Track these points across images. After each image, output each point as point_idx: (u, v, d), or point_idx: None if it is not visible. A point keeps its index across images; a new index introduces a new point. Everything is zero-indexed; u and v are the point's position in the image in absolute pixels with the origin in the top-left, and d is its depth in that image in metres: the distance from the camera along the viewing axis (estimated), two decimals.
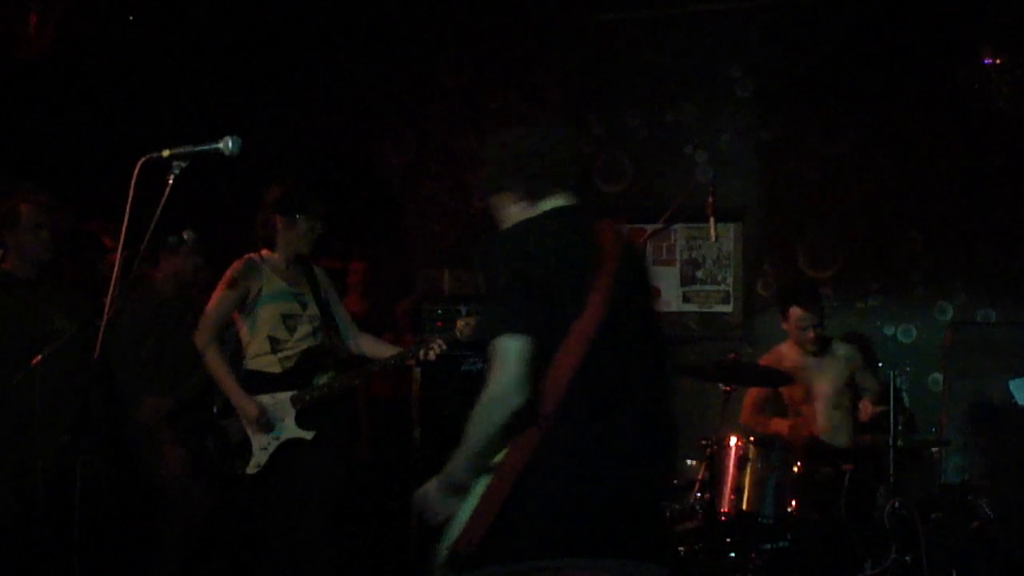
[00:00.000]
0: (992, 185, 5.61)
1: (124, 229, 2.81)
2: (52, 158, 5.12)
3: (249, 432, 4.13)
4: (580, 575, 2.53)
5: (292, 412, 4.16)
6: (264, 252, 4.28)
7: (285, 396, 4.16)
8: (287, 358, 4.21)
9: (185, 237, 4.28)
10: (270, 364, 4.20)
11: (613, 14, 6.19)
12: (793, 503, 4.31)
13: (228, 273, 4.20)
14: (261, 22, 6.10)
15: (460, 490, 2.65)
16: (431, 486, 2.69)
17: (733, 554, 4.39)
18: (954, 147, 5.68)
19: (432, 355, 4.10)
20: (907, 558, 4.23)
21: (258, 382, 4.17)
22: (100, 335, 2.89)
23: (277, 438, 4.14)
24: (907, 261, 5.76)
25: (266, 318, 4.20)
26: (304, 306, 4.27)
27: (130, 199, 2.79)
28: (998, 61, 5.45)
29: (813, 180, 5.92)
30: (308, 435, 4.14)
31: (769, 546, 4.33)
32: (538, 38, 6.36)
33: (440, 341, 4.10)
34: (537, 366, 2.58)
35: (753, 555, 4.27)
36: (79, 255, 4.82)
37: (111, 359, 4.45)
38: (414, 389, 5.50)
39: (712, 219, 4.89)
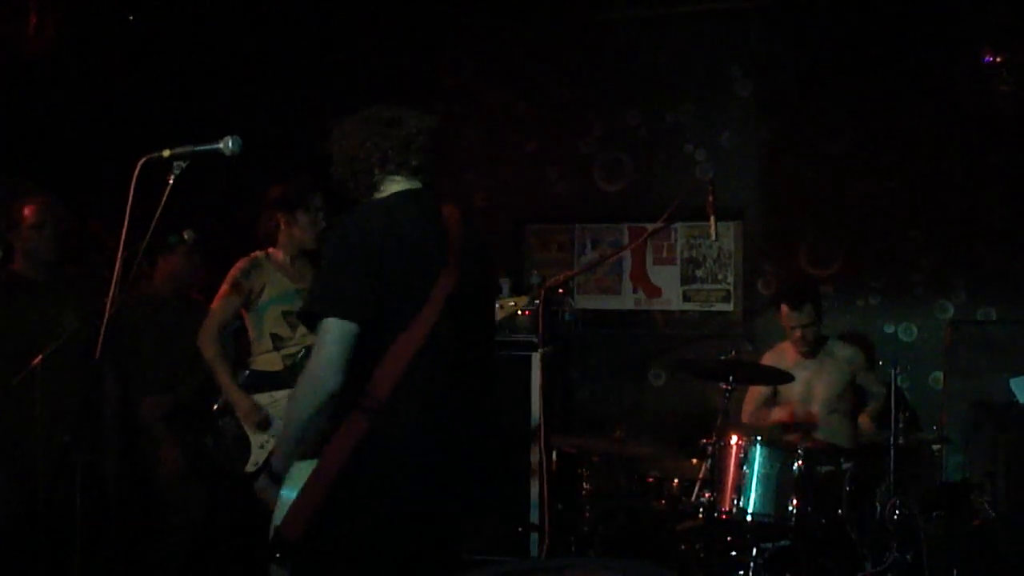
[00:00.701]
0: (992, 185, 5.61)
1: (124, 229, 2.82)
2: (52, 158, 5.11)
3: (247, 430, 4.15)
4: (580, 575, 2.53)
5: None
6: (270, 250, 4.32)
7: (283, 394, 4.16)
8: (289, 355, 4.22)
9: (185, 237, 4.29)
10: (273, 362, 4.22)
11: (613, 14, 6.19)
12: (794, 502, 4.30)
13: (232, 272, 4.24)
14: (261, 22, 6.09)
15: (280, 477, 2.63)
16: (263, 476, 2.69)
17: (733, 553, 4.39)
18: (954, 147, 5.68)
19: None
20: (908, 557, 4.22)
21: (260, 380, 4.20)
22: (101, 335, 2.90)
23: (274, 436, 4.14)
24: (907, 260, 5.76)
25: (268, 316, 4.23)
26: None
27: (130, 199, 2.80)
28: (998, 59, 5.45)
29: (813, 179, 5.92)
30: None
31: (769, 546, 4.32)
32: (538, 38, 6.36)
33: None
34: (369, 352, 2.54)
35: (753, 554, 4.27)
36: (81, 256, 4.83)
37: (110, 359, 4.45)
38: None
39: (712, 218, 4.89)
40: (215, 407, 4.23)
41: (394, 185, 2.79)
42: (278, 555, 2.55)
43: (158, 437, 4.60)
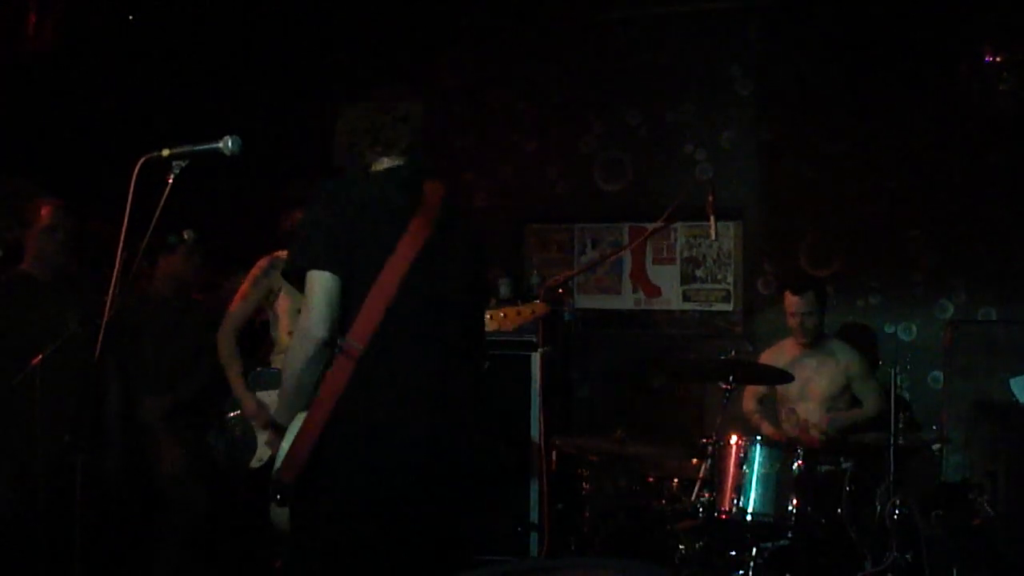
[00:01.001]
0: (992, 184, 5.61)
1: (124, 229, 2.82)
2: (52, 158, 5.12)
3: (255, 428, 4.16)
4: (580, 574, 2.54)
5: None
6: None
7: None
8: None
9: (185, 237, 4.29)
10: None
11: (613, 14, 6.19)
12: (794, 501, 4.30)
13: (252, 271, 4.27)
14: (261, 22, 6.10)
15: (282, 429, 2.77)
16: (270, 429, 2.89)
17: (733, 553, 4.39)
18: (954, 146, 5.68)
19: None
20: (907, 556, 4.22)
21: (270, 378, 4.21)
22: (100, 335, 2.90)
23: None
24: (907, 259, 5.76)
25: (285, 315, 4.24)
26: None
27: (130, 199, 2.80)
28: (999, 59, 5.45)
29: (813, 179, 5.92)
30: None
31: (769, 545, 4.32)
32: (538, 38, 6.36)
33: None
34: (347, 302, 2.68)
35: (753, 554, 4.27)
36: (82, 256, 4.83)
37: (111, 359, 4.45)
38: None
39: (712, 218, 4.90)
40: (226, 404, 4.25)
41: (381, 165, 2.93)
42: (277, 497, 2.67)
43: (159, 437, 4.60)
